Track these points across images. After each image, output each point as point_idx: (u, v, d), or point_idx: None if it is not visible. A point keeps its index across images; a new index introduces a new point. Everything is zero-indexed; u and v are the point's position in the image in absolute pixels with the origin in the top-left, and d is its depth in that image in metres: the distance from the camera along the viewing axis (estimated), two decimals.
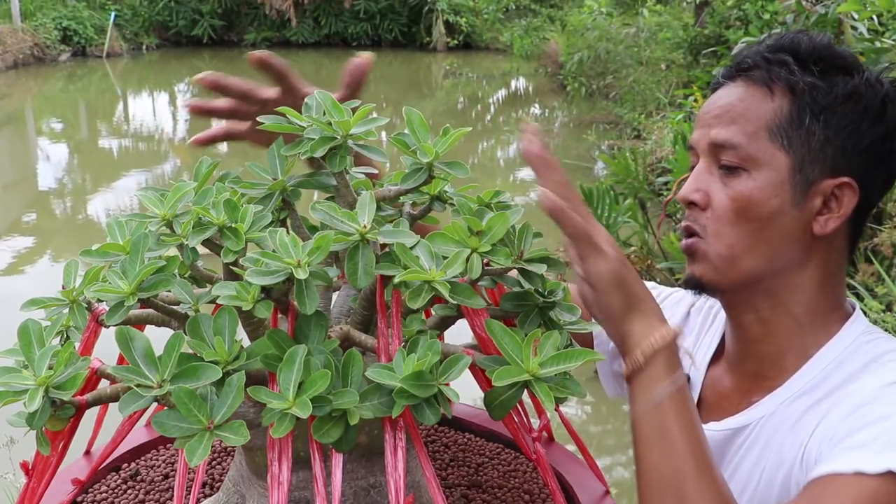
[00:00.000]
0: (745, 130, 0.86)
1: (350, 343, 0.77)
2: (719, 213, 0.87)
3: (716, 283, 0.90)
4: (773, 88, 0.87)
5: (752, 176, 0.86)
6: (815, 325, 0.90)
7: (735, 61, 0.91)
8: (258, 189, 0.81)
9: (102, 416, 0.95)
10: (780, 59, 0.87)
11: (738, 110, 0.87)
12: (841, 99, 0.85)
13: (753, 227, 0.86)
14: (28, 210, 7.30)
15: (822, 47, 0.88)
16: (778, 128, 0.85)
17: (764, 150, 0.86)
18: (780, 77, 0.86)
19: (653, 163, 5.89)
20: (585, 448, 0.99)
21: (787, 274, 0.88)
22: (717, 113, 0.89)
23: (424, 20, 16.99)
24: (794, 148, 0.85)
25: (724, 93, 0.90)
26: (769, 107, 0.86)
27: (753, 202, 0.86)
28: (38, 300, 0.76)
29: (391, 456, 0.70)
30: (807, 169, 0.85)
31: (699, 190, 0.89)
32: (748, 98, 0.87)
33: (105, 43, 15.36)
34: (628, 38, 9.00)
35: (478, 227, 0.74)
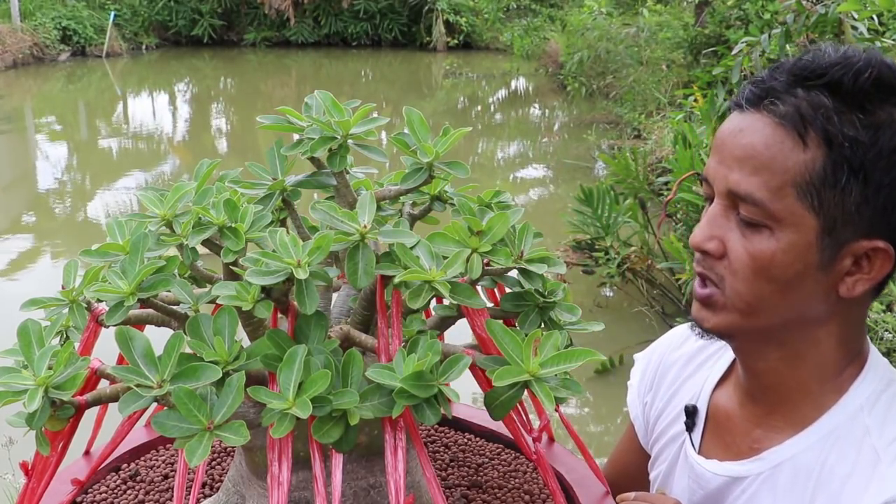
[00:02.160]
0: (769, 185, 0.74)
1: (350, 343, 0.76)
2: (736, 267, 0.78)
3: (731, 333, 0.84)
4: (807, 138, 0.73)
5: (776, 235, 0.75)
6: (828, 380, 0.83)
7: (762, 86, 0.77)
8: (258, 189, 0.81)
9: (102, 417, 0.95)
10: (817, 101, 0.73)
11: (763, 159, 0.74)
12: (886, 152, 0.73)
13: (773, 288, 0.77)
14: (28, 210, 7.30)
15: (870, 82, 0.73)
16: (808, 185, 0.73)
17: (790, 209, 0.74)
18: (816, 124, 0.73)
19: (653, 163, 5.89)
20: (585, 448, 0.99)
21: (804, 329, 0.81)
22: (738, 155, 0.76)
23: (424, 20, 16.99)
24: (825, 209, 0.74)
25: (748, 126, 0.77)
26: (800, 159, 0.73)
27: (775, 264, 0.76)
28: (38, 300, 0.76)
29: (391, 456, 0.70)
30: (838, 231, 0.75)
31: (714, 238, 0.79)
32: (776, 145, 0.74)
33: (105, 43, 15.36)
34: (628, 38, 9.00)
35: (478, 227, 0.74)
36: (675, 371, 1.02)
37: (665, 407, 1.01)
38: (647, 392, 1.06)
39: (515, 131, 10.72)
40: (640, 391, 1.08)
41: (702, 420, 0.94)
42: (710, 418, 0.94)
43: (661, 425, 1.01)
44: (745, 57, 3.85)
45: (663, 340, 1.08)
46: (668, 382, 1.02)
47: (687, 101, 5.73)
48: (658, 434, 1.02)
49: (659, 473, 1.00)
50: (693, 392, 0.97)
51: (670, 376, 1.02)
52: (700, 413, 0.94)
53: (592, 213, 4.37)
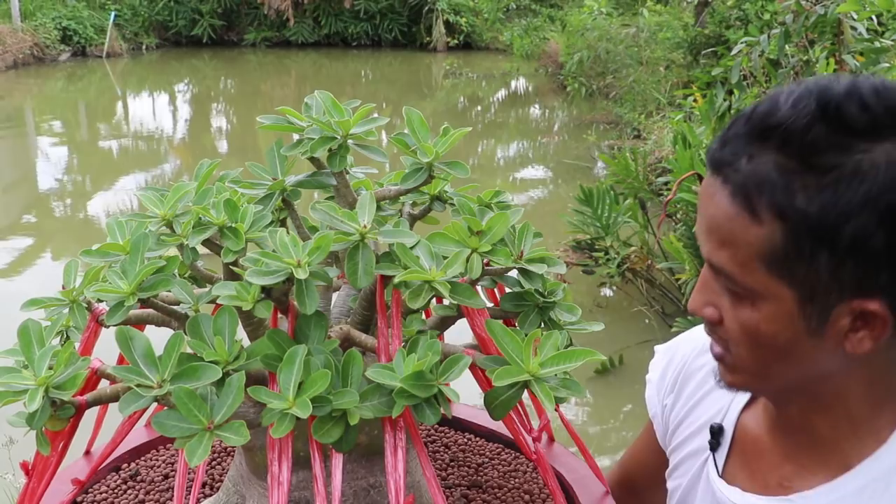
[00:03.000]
0: (736, 259, 0.70)
1: (350, 343, 0.77)
2: (732, 335, 0.75)
3: (750, 390, 0.82)
4: (759, 212, 0.68)
5: (756, 306, 0.71)
6: (864, 427, 0.78)
7: (721, 145, 0.72)
8: (258, 189, 0.81)
9: (102, 417, 0.95)
10: (762, 169, 0.67)
11: (725, 232, 0.70)
12: (856, 208, 0.64)
13: (772, 354, 0.74)
14: (28, 210, 7.30)
15: (825, 130, 0.65)
16: (772, 258, 0.68)
17: (762, 282, 0.70)
18: (764, 198, 0.67)
19: (653, 163, 5.89)
20: (585, 448, 0.99)
21: (825, 381, 0.76)
22: (707, 225, 0.73)
23: (424, 20, 16.99)
24: (798, 280, 0.68)
25: (712, 192, 0.72)
26: (757, 233, 0.68)
27: (762, 334, 0.72)
28: (39, 300, 0.77)
29: (391, 456, 0.70)
30: (820, 299, 0.69)
31: (709, 305, 0.76)
32: (733, 219, 0.69)
33: (105, 43, 15.36)
34: (628, 38, 9.00)
35: (478, 227, 0.74)
36: (699, 379, 0.97)
37: (686, 416, 0.98)
38: (667, 394, 1.02)
39: (515, 131, 10.72)
40: (660, 390, 1.04)
41: (727, 441, 0.90)
42: (736, 440, 0.90)
43: (682, 435, 0.98)
44: (745, 57, 3.85)
45: (688, 340, 1.03)
46: (691, 390, 0.98)
47: (686, 101, 5.73)
48: (678, 444, 0.99)
49: (678, 486, 0.97)
50: (719, 408, 0.93)
51: (693, 383, 0.98)
52: (726, 434, 0.90)
53: (592, 213, 4.37)
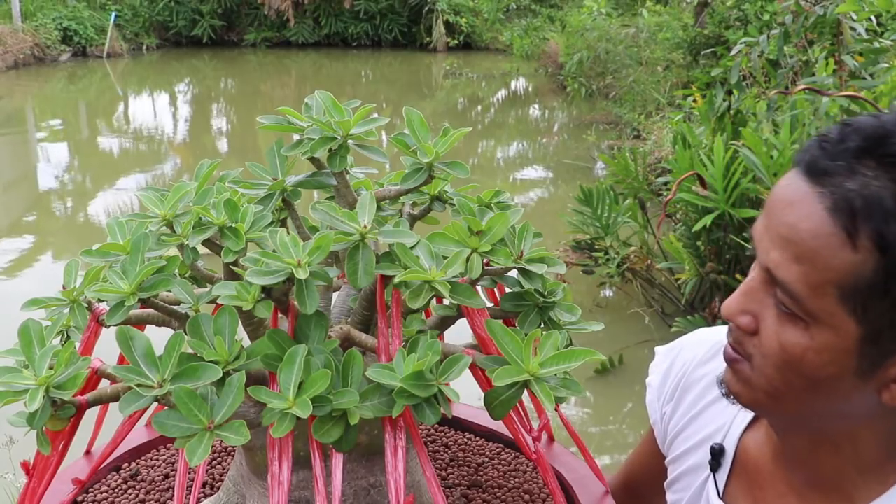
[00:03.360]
0: (808, 279, 0.65)
1: (350, 343, 0.77)
2: (766, 351, 0.71)
3: (755, 409, 0.78)
4: (856, 238, 0.63)
5: (810, 332, 0.67)
6: (869, 471, 0.76)
7: (826, 151, 0.66)
8: (258, 189, 0.82)
9: (103, 416, 0.95)
10: (876, 194, 0.62)
11: (807, 249, 0.65)
12: None
13: (803, 383, 0.70)
14: (28, 210, 7.30)
15: None
16: (853, 290, 0.64)
17: (829, 310, 0.65)
18: (869, 225, 0.62)
19: (653, 163, 5.89)
20: (585, 448, 0.99)
21: (842, 423, 0.74)
22: (783, 233, 0.67)
23: (424, 20, 16.99)
24: (869, 318, 0.64)
25: (799, 201, 0.66)
26: (847, 259, 0.63)
27: (806, 362, 0.68)
28: (39, 300, 0.77)
29: (391, 456, 0.70)
30: (884, 343, 0.66)
31: (747, 313, 0.72)
32: (823, 237, 0.64)
33: (105, 43, 15.36)
34: (628, 39, 9.00)
35: (478, 227, 0.74)
36: (700, 390, 0.95)
37: (685, 427, 0.96)
38: (667, 402, 1.00)
39: (515, 131, 10.72)
40: (660, 396, 1.02)
41: (728, 462, 0.88)
42: (737, 462, 0.88)
43: (680, 448, 0.96)
44: (744, 58, 3.85)
45: (689, 346, 1.00)
46: (691, 401, 0.96)
47: (686, 101, 5.73)
48: (676, 456, 0.97)
49: (678, 501, 0.95)
50: (719, 425, 0.91)
51: (694, 394, 0.96)
52: (727, 455, 0.88)
53: (592, 213, 4.37)
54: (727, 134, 3.98)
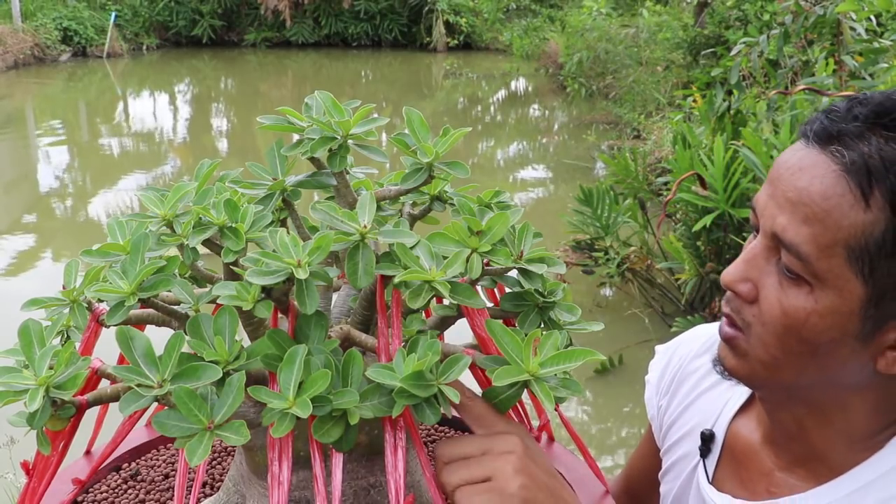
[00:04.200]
0: (818, 240, 0.66)
1: (350, 343, 0.77)
2: (766, 318, 0.71)
3: (751, 382, 0.79)
4: (870, 198, 0.64)
5: (815, 295, 0.68)
6: (857, 442, 0.76)
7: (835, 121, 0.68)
8: (258, 189, 0.82)
9: (103, 416, 0.95)
10: (891, 155, 0.64)
11: (818, 210, 0.66)
12: None
13: (803, 349, 0.70)
14: (28, 210, 7.30)
15: None
16: (862, 250, 0.65)
17: (837, 271, 0.66)
18: (885, 184, 0.63)
19: (652, 163, 5.90)
20: (585, 448, 0.99)
21: (834, 392, 0.74)
22: (791, 197, 0.68)
23: (424, 20, 16.99)
24: (875, 279, 0.65)
25: (809, 166, 0.67)
26: (858, 219, 0.64)
27: (808, 326, 0.69)
28: (39, 300, 0.77)
29: (391, 456, 0.70)
30: (886, 305, 0.67)
31: (748, 280, 0.72)
32: (834, 198, 0.65)
33: (105, 43, 15.37)
34: (628, 39, 9.01)
35: (478, 227, 0.74)
36: (694, 381, 0.97)
37: (679, 417, 0.97)
38: (663, 395, 1.01)
39: (515, 131, 10.72)
40: (658, 391, 1.03)
41: (718, 447, 0.89)
42: (726, 447, 0.89)
43: (674, 437, 0.98)
44: (744, 58, 3.85)
45: (687, 341, 1.02)
46: (685, 392, 0.98)
47: (686, 101, 5.73)
48: (670, 445, 0.99)
49: (670, 490, 0.96)
50: (711, 412, 0.92)
51: (688, 385, 0.98)
52: (717, 440, 0.89)
53: (592, 213, 4.37)
54: (727, 134, 3.98)
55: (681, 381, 0.99)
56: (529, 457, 0.69)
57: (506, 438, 0.70)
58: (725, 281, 0.75)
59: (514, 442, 0.70)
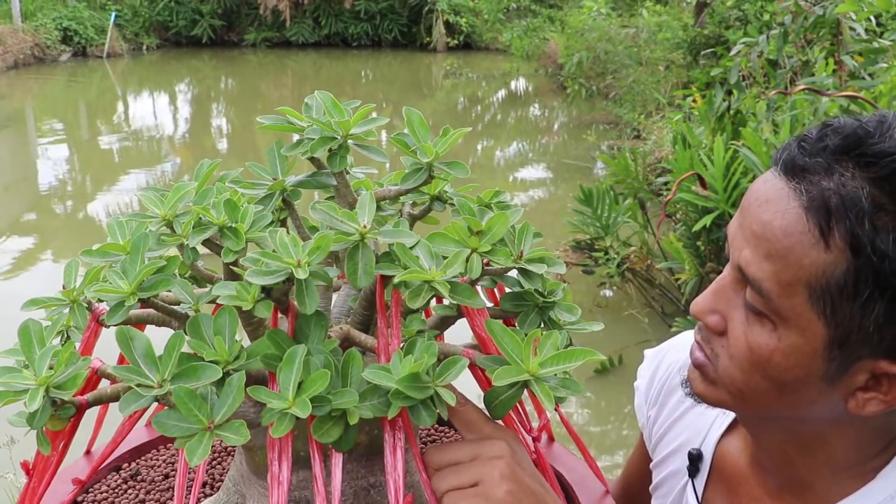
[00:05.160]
0: (779, 277, 0.64)
1: (350, 343, 0.77)
2: (733, 351, 0.70)
3: (720, 407, 0.78)
4: (829, 238, 0.62)
5: (778, 333, 0.66)
6: (842, 472, 0.74)
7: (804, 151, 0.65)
8: (258, 189, 0.82)
9: (103, 416, 0.95)
10: (852, 195, 0.61)
11: (779, 247, 0.64)
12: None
13: (769, 385, 0.69)
14: (28, 210, 7.30)
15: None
16: (823, 291, 0.63)
17: (798, 310, 0.64)
18: (843, 225, 0.61)
19: (652, 163, 5.90)
20: (585, 448, 0.99)
21: (811, 426, 0.73)
22: (756, 231, 0.66)
23: (424, 20, 16.99)
24: (838, 320, 0.63)
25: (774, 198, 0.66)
26: (819, 259, 0.62)
27: (772, 364, 0.67)
28: (39, 300, 0.77)
29: (391, 456, 0.70)
30: (852, 346, 0.64)
31: (716, 312, 0.71)
32: (795, 235, 0.63)
33: (105, 43, 15.37)
34: (628, 39, 9.01)
35: (478, 227, 0.74)
36: (681, 394, 0.95)
37: (667, 432, 0.97)
38: (652, 406, 1.01)
39: (515, 131, 10.72)
40: (647, 399, 1.03)
41: (706, 467, 0.88)
42: (715, 468, 0.88)
43: (662, 452, 0.97)
44: (744, 58, 3.85)
45: (674, 349, 1.01)
46: (673, 405, 0.97)
47: (686, 101, 5.73)
48: (659, 461, 0.98)
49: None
50: (698, 430, 0.92)
51: (675, 399, 0.97)
52: (705, 460, 0.88)
53: (592, 213, 4.37)
54: (727, 134, 3.98)
55: (668, 392, 0.99)
56: (517, 462, 0.70)
57: (494, 444, 0.71)
58: (694, 312, 0.74)
59: (501, 447, 0.70)
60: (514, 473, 0.69)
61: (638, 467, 1.10)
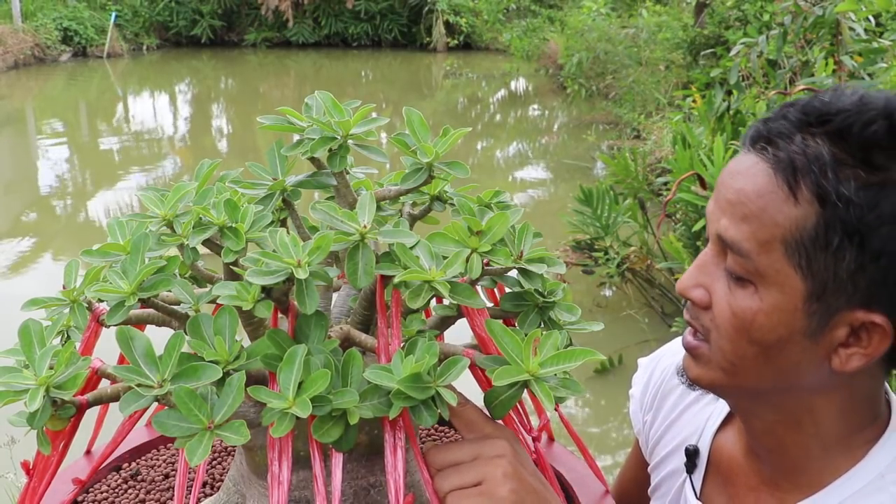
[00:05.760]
0: (756, 236, 0.68)
1: (350, 343, 0.77)
2: (719, 322, 0.73)
3: (715, 390, 0.79)
4: (797, 192, 0.66)
5: (759, 294, 0.69)
6: (835, 448, 0.76)
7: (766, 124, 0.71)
8: (258, 189, 0.82)
9: (103, 416, 0.95)
10: (814, 151, 0.66)
11: (753, 208, 0.68)
12: (889, 218, 0.64)
13: (756, 350, 0.71)
14: (29, 210, 7.30)
15: (882, 133, 0.65)
16: (797, 244, 0.67)
17: (776, 266, 0.68)
18: (809, 178, 0.66)
19: (652, 163, 5.90)
20: (585, 448, 0.99)
21: (798, 396, 0.75)
22: (731, 198, 0.71)
23: (424, 20, 16.99)
24: (813, 272, 0.67)
25: (745, 169, 0.71)
26: (790, 214, 0.67)
27: (756, 326, 0.70)
28: (39, 300, 0.77)
29: (391, 456, 0.70)
30: (828, 297, 0.68)
31: (700, 286, 0.74)
32: (767, 195, 0.68)
33: (105, 43, 15.37)
34: (627, 39, 9.01)
35: (478, 227, 0.74)
36: (676, 396, 0.97)
37: (664, 434, 0.98)
38: (647, 411, 1.02)
39: (515, 131, 10.72)
40: (642, 406, 1.04)
41: (703, 463, 0.90)
42: (711, 462, 0.89)
43: (660, 453, 0.98)
44: (744, 58, 3.85)
45: (667, 354, 1.03)
46: (669, 407, 0.98)
47: (685, 101, 5.73)
48: (657, 462, 0.99)
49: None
50: (694, 427, 0.93)
51: (671, 401, 0.98)
52: (701, 455, 0.90)
53: (592, 213, 4.37)
54: (727, 134, 3.98)
55: (664, 396, 1.00)
56: (519, 461, 0.71)
57: (495, 443, 0.72)
58: (679, 288, 0.76)
59: (503, 446, 0.71)
60: (517, 472, 0.70)
61: (632, 472, 1.11)
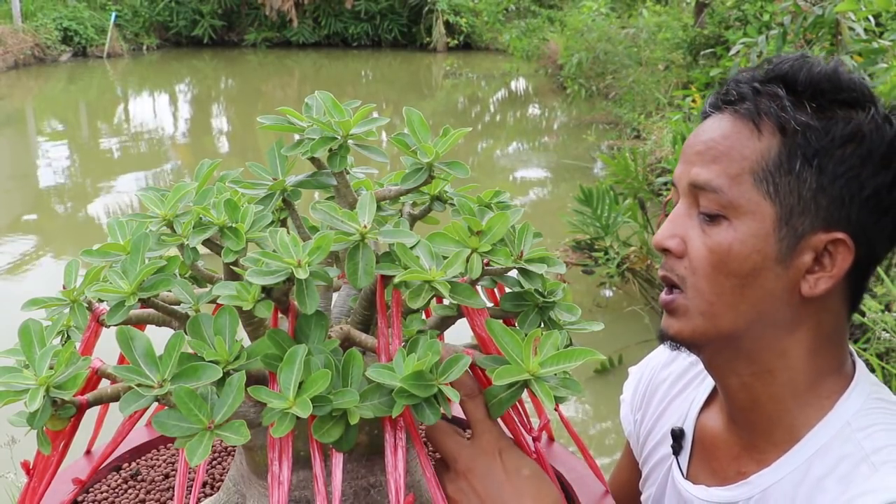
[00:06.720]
0: (727, 172, 0.76)
1: (350, 343, 0.77)
2: (696, 264, 0.78)
3: (692, 340, 0.82)
4: (761, 126, 0.76)
5: (733, 225, 0.76)
6: (805, 397, 0.81)
7: (723, 89, 0.81)
8: (258, 189, 0.82)
9: (103, 416, 0.95)
10: (770, 91, 0.77)
11: (721, 148, 0.77)
12: (839, 141, 0.74)
13: (733, 283, 0.77)
14: (29, 210, 7.30)
15: (824, 78, 0.76)
16: (764, 172, 0.75)
17: (747, 196, 0.75)
18: (770, 113, 0.75)
19: (652, 163, 5.90)
20: (585, 448, 0.99)
21: (771, 337, 0.80)
22: (699, 149, 0.79)
23: (424, 20, 17.00)
24: (780, 196, 0.75)
25: (710, 126, 0.80)
26: (755, 147, 0.75)
27: (732, 256, 0.76)
28: (39, 300, 0.77)
29: (391, 455, 0.70)
30: (795, 221, 0.75)
31: (675, 236, 0.80)
32: (733, 135, 0.77)
33: (106, 43, 15.37)
34: (627, 39, 9.01)
35: (478, 227, 0.74)
36: (664, 390, 1.00)
37: (653, 427, 1.00)
38: (637, 410, 1.05)
39: (515, 131, 10.72)
40: (632, 407, 1.07)
41: (689, 443, 0.92)
42: (696, 442, 0.92)
43: (650, 445, 1.00)
44: (743, 58, 3.86)
45: (654, 356, 1.06)
46: (657, 401, 1.01)
47: (685, 101, 5.73)
48: (647, 454, 1.01)
49: (649, 496, 0.99)
50: (680, 413, 0.96)
51: (659, 395, 1.01)
52: (687, 436, 0.93)
53: (592, 213, 4.38)
54: None
55: (653, 391, 1.03)
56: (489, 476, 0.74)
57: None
58: (656, 241, 0.82)
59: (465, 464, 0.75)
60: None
61: (623, 475, 1.13)
